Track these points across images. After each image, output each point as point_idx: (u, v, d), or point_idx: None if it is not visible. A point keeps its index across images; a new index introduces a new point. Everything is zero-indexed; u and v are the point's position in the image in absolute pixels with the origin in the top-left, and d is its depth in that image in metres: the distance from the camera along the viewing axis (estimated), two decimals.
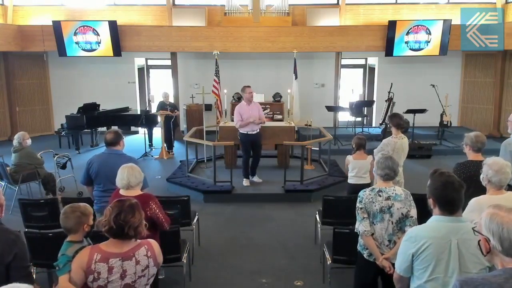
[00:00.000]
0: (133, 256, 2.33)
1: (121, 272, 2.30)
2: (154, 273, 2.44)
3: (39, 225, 4.80)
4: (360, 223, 3.18)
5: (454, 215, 2.33)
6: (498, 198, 2.95)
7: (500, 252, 1.73)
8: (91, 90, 12.09)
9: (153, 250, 2.44)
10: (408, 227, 3.09)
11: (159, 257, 2.47)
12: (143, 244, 2.41)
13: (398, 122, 5.13)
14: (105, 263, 2.29)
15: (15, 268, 2.28)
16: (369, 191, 3.20)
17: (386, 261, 3.13)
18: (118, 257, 2.30)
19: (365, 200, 3.17)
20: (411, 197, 3.22)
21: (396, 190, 3.19)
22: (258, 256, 5.09)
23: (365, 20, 11.83)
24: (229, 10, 11.49)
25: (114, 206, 2.34)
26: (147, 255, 2.38)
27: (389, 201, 3.13)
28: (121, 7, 11.92)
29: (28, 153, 6.71)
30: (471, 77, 12.33)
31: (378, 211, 3.14)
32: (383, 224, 3.14)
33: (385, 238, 3.16)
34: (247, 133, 7.08)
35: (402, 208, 3.13)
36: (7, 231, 2.34)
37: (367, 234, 3.15)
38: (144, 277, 2.37)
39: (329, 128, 9.68)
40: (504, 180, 3.01)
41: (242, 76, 11.87)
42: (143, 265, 2.35)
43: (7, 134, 11.79)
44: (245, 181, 7.37)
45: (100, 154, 4.33)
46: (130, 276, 2.32)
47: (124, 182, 3.34)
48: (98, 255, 2.31)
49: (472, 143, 3.88)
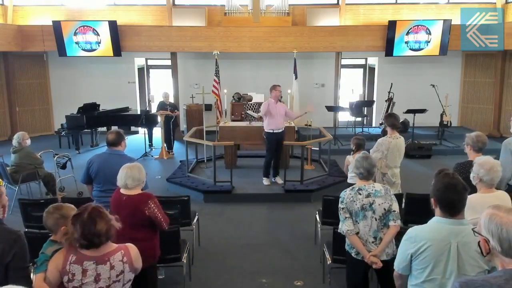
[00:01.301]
0: (107, 260, 2.31)
1: (95, 276, 2.28)
2: (130, 278, 2.41)
3: (39, 225, 4.79)
4: (343, 223, 3.24)
5: (456, 218, 2.32)
6: (489, 196, 2.99)
7: (499, 252, 1.73)
8: (91, 90, 12.09)
9: (130, 255, 2.40)
10: (392, 221, 3.18)
11: (136, 263, 2.43)
12: (120, 249, 2.38)
13: (393, 122, 5.12)
14: (80, 265, 2.28)
15: (13, 269, 2.27)
16: (349, 191, 3.26)
17: (374, 258, 3.17)
18: (92, 260, 2.29)
19: (346, 200, 3.22)
20: (391, 191, 3.29)
21: (376, 187, 3.24)
22: (258, 256, 5.09)
23: (365, 20, 11.83)
24: (229, 10, 11.49)
25: (74, 221, 2.28)
26: (123, 261, 2.35)
27: (370, 198, 3.18)
28: (121, 7, 11.92)
29: (28, 153, 6.71)
30: (471, 77, 12.33)
31: (360, 209, 3.18)
32: (366, 221, 3.19)
33: (370, 235, 3.21)
34: (273, 132, 7.06)
35: (383, 203, 3.18)
36: (8, 231, 2.34)
37: (351, 233, 3.20)
38: (119, 282, 2.35)
39: (329, 128, 9.68)
40: (495, 179, 3.04)
41: (242, 76, 11.88)
42: (118, 270, 2.33)
43: (7, 134, 11.79)
44: (266, 180, 7.34)
45: (101, 153, 4.34)
46: (104, 280, 2.30)
47: (121, 183, 3.35)
48: (73, 256, 2.30)
49: (473, 143, 3.89)
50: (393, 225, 3.17)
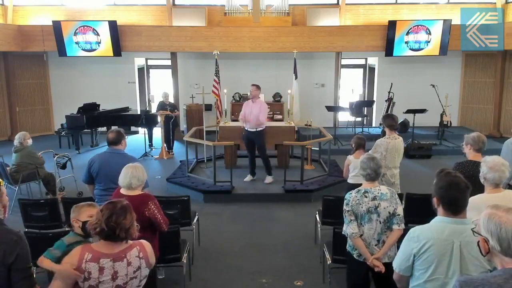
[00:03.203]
0: (124, 257, 2.31)
1: (112, 273, 2.27)
2: (146, 274, 2.41)
3: (39, 225, 4.81)
4: (348, 226, 3.19)
5: (458, 216, 2.31)
6: (494, 196, 2.93)
7: (499, 252, 1.73)
8: (91, 90, 12.09)
9: (145, 251, 2.41)
10: (396, 225, 3.15)
11: (151, 258, 2.44)
12: (135, 245, 2.39)
13: (390, 123, 5.11)
14: (96, 263, 2.27)
15: (16, 269, 2.27)
16: (355, 193, 3.21)
17: (376, 261, 3.15)
18: (109, 258, 2.28)
19: (352, 203, 3.18)
20: (396, 195, 3.25)
21: (382, 190, 3.21)
22: (258, 256, 5.09)
23: (365, 20, 11.83)
24: (229, 10, 11.49)
25: (105, 208, 2.32)
26: (139, 256, 2.36)
27: (376, 201, 3.15)
28: (121, 7, 11.92)
29: (29, 153, 6.71)
30: (471, 77, 12.33)
31: (365, 212, 3.15)
32: (371, 224, 3.16)
33: (374, 238, 3.18)
34: (245, 129, 7.22)
35: (388, 207, 3.15)
36: (9, 231, 2.33)
37: (355, 236, 3.16)
38: (136, 279, 2.35)
39: (329, 128, 9.68)
40: (499, 178, 2.99)
41: (242, 76, 11.87)
42: (135, 266, 2.33)
43: (7, 134, 11.80)
44: (247, 177, 7.51)
45: (101, 153, 4.34)
46: (122, 278, 2.29)
47: (126, 182, 3.34)
48: (89, 254, 2.29)
49: (473, 142, 3.88)
50: (397, 228, 3.15)
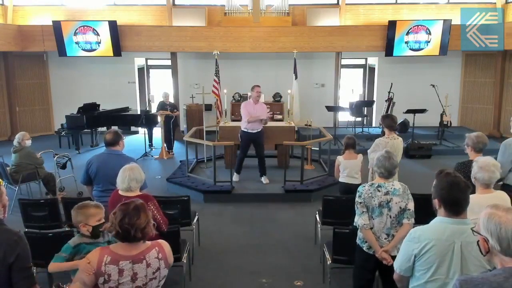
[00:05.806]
0: (143, 259, 2.30)
1: (132, 275, 2.27)
2: (165, 274, 2.41)
3: (39, 225, 4.81)
4: (360, 217, 3.25)
5: (460, 217, 2.31)
6: (486, 197, 2.95)
7: (498, 251, 1.74)
8: (91, 90, 12.09)
9: (164, 251, 2.40)
10: (406, 219, 3.19)
11: (170, 258, 2.43)
12: (154, 246, 2.38)
13: (389, 124, 5.11)
14: (116, 266, 2.26)
15: (17, 269, 2.28)
16: (368, 186, 3.27)
17: (385, 253, 3.19)
18: (128, 260, 2.28)
19: (364, 195, 3.24)
20: (409, 190, 3.29)
21: (395, 185, 3.26)
22: (258, 256, 5.10)
23: (365, 20, 11.83)
24: (229, 10, 11.49)
25: (118, 210, 2.31)
26: (158, 257, 2.35)
27: (388, 196, 3.20)
28: (121, 7, 11.92)
29: (28, 153, 6.71)
30: (471, 77, 12.33)
31: (377, 205, 3.20)
32: (381, 218, 3.21)
33: (383, 232, 3.23)
34: (247, 131, 7.11)
35: (400, 202, 3.20)
36: (9, 231, 2.33)
37: (366, 227, 3.22)
38: (156, 279, 2.35)
39: (329, 128, 9.68)
40: (488, 178, 3.01)
41: (242, 76, 11.87)
42: (154, 267, 2.33)
43: (7, 134, 11.80)
44: (235, 176, 7.40)
45: (99, 154, 4.34)
46: (141, 279, 2.29)
47: (124, 186, 3.33)
48: (108, 257, 2.28)
49: (473, 144, 3.88)
50: (406, 222, 3.19)
